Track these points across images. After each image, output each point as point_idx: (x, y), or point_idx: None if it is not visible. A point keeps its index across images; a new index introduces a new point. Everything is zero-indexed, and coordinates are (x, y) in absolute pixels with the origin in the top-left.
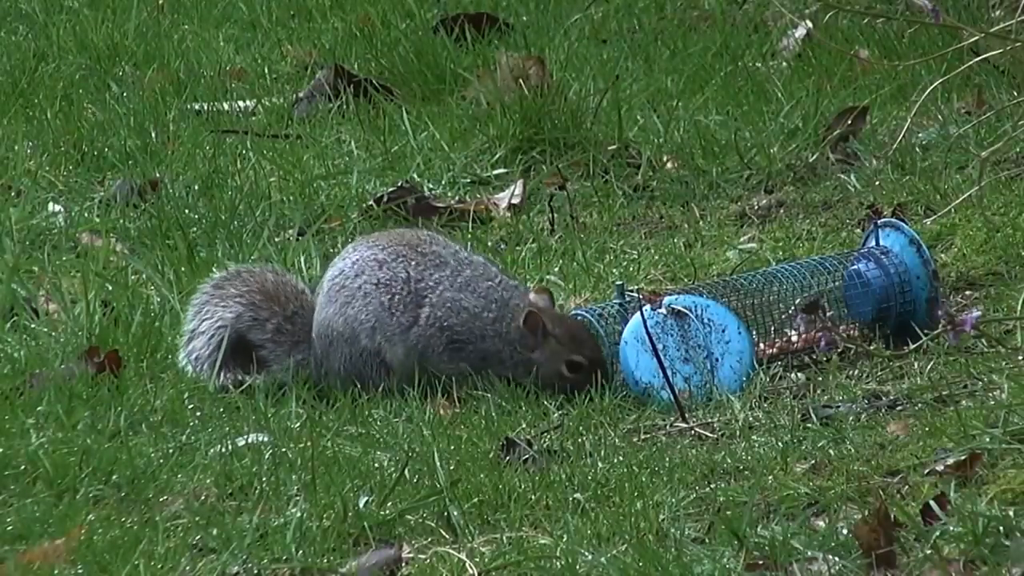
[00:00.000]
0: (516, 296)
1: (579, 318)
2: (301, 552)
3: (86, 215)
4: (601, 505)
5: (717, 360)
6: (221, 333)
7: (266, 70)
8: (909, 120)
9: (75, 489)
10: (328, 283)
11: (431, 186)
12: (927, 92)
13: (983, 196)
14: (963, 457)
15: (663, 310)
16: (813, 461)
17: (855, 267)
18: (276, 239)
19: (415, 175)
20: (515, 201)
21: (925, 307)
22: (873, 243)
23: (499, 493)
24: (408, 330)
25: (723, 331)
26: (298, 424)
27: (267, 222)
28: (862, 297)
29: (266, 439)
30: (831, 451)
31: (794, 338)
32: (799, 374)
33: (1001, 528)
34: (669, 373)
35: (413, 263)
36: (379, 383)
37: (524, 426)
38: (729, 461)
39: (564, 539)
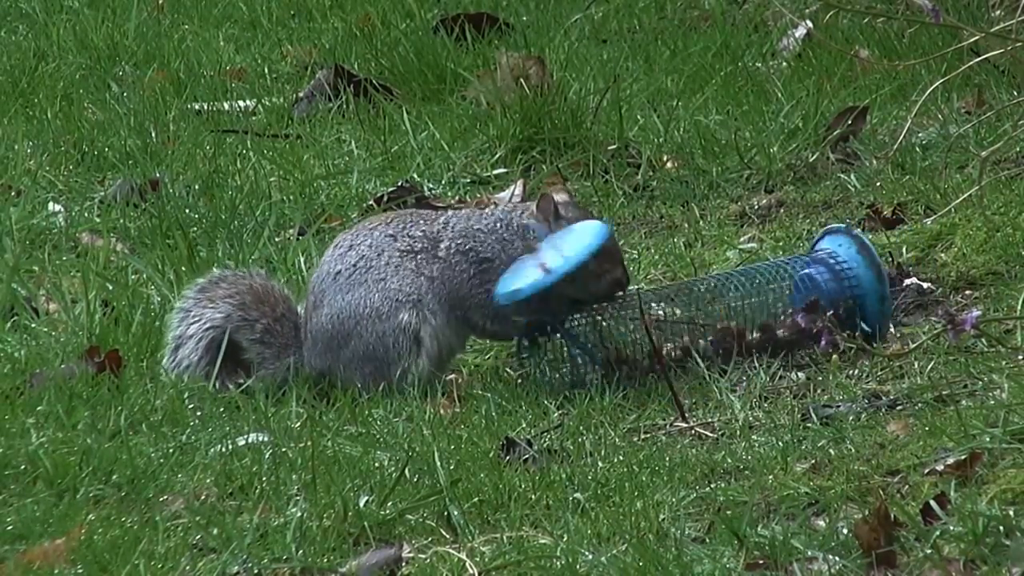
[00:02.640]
0: (520, 210)
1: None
2: (301, 552)
3: (86, 215)
4: (601, 505)
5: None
6: (210, 335)
7: (266, 70)
8: (909, 120)
9: (75, 489)
10: (344, 275)
11: (431, 186)
12: (927, 92)
13: (983, 196)
14: (963, 457)
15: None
16: (813, 461)
17: (806, 272)
18: (276, 239)
19: (415, 175)
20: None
21: (878, 308)
22: (821, 248)
23: (499, 493)
24: (434, 280)
25: (572, 231)
26: (298, 424)
27: (267, 222)
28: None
29: (266, 439)
30: (831, 451)
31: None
32: (799, 374)
33: (1001, 528)
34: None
35: (420, 221)
36: (408, 362)
37: (524, 426)
38: (729, 461)
39: (564, 539)
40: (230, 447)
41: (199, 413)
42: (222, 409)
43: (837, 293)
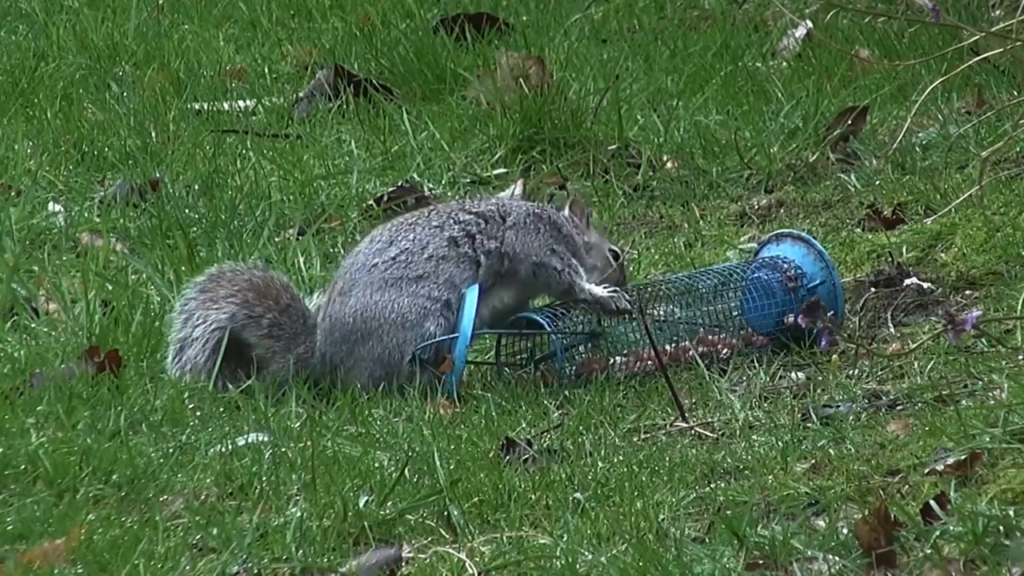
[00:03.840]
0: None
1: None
2: (301, 552)
3: (86, 215)
4: (601, 505)
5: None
6: (216, 336)
7: (266, 70)
8: (909, 120)
9: (75, 489)
10: (380, 268)
11: (431, 186)
12: (927, 92)
13: (983, 196)
14: (963, 457)
15: None
16: (813, 461)
17: (757, 276)
18: (276, 239)
19: (415, 175)
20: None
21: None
22: (769, 254)
23: (499, 493)
24: (494, 252)
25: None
26: (298, 424)
27: (267, 222)
28: (764, 306)
29: (266, 439)
30: (831, 451)
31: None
32: (799, 374)
33: (1001, 528)
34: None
35: (467, 206)
36: (419, 376)
37: (524, 426)
38: (729, 461)
39: (564, 539)
40: (230, 447)
41: (199, 413)
42: (222, 409)
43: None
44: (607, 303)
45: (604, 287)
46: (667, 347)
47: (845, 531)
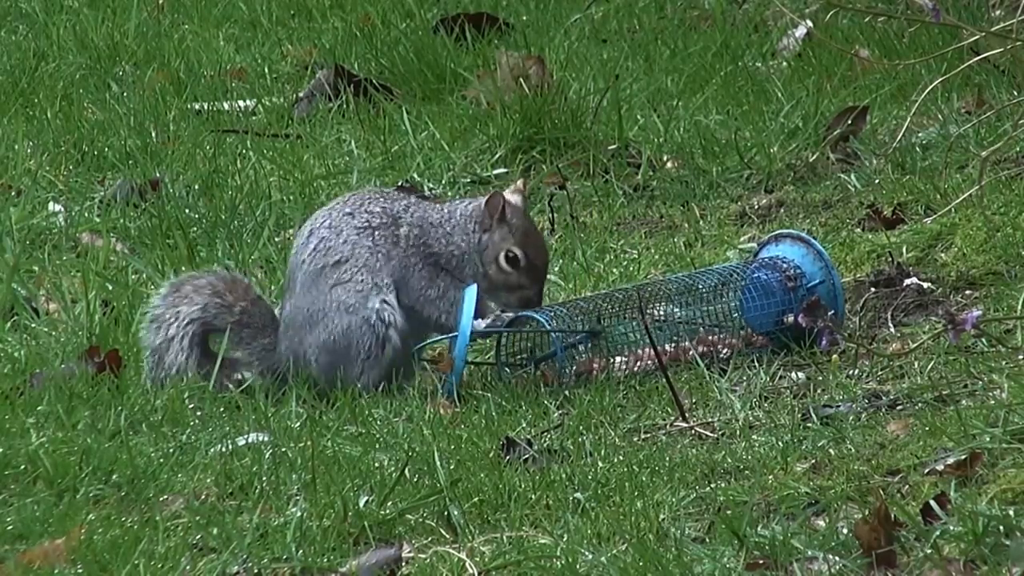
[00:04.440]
0: (468, 203)
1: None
2: (301, 552)
3: (86, 215)
4: (601, 505)
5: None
6: (191, 330)
7: (266, 70)
8: (909, 120)
9: (75, 489)
10: (307, 262)
11: (431, 185)
12: (927, 92)
13: (983, 196)
14: (963, 457)
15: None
16: (813, 461)
17: (756, 275)
18: (276, 239)
19: (415, 175)
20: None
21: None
22: (768, 254)
23: (499, 493)
24: (391, 262)
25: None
26: (298, 424)
27: (267, 222)
28: (764, 306)
29: (266, 439)
30: (831, 451)
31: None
32: (799, 373)
33: (1001, 528)
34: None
35: (380, 199)
36: (372, 361)
37: (524, 426)
38: (729, 461)
39: (564, 539)
40: (230, 447)
41: (199, 413)
42: (222, 409)
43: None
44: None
45: (499, 312)
46: (667, 347)
47: (845, 531)
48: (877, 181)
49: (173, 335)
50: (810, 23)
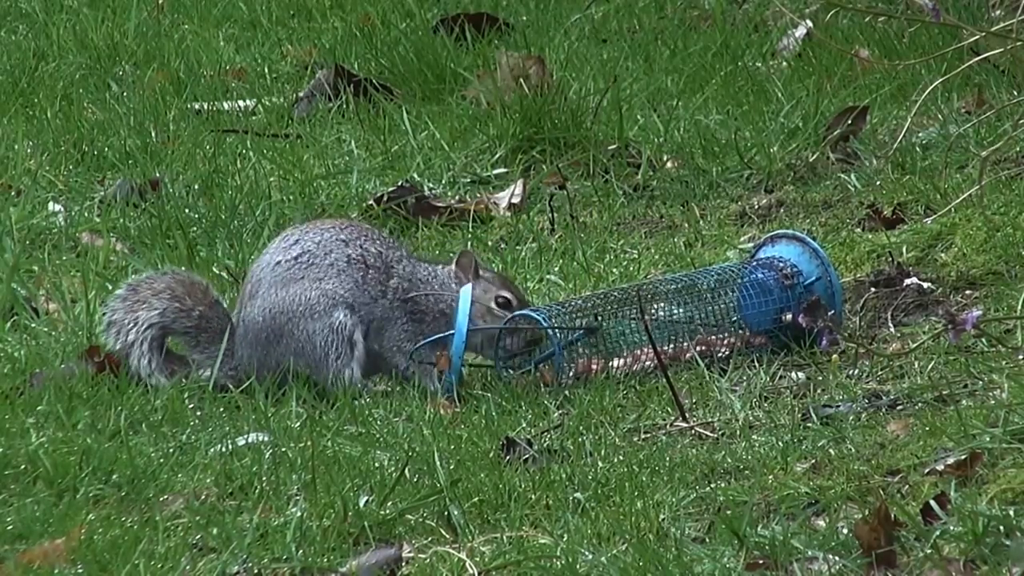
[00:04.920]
0: (444, 266)
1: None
2: (301, 552)
3: (86, 215)
4: (601, 505)
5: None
6: (150, 334)
7: (266, 70)
8: (909, 120)
9: (75, 489)
10: (283, 266)
11: (431, 185)
12: (927, 92)
13: (983, 196)
14: (963, 457)
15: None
16: (813, 461)
17: (754, 276)
18: None
19: (415, 175)
20: (515, 201)
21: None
22: (765, 255)
23: (499, 493)
24: (372, 306)
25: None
26: (298, 424)
27: (267, 222)
28: (762, 304)
29: (266, 439)
30: (831, 451)
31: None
32: (799, 373)
33: (1001, 528)
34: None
35: (377, 240)
36: (340, 365)
37: (524, 426)
38: (729, 461)
39: (564, 539)
40: (230, 447)
41: (199, 413)
42: (222, 409)
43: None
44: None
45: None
46: (667, 347)
47: (845, 531)
48: (877, 181)
49: (132, 340)
50: (810, 23)
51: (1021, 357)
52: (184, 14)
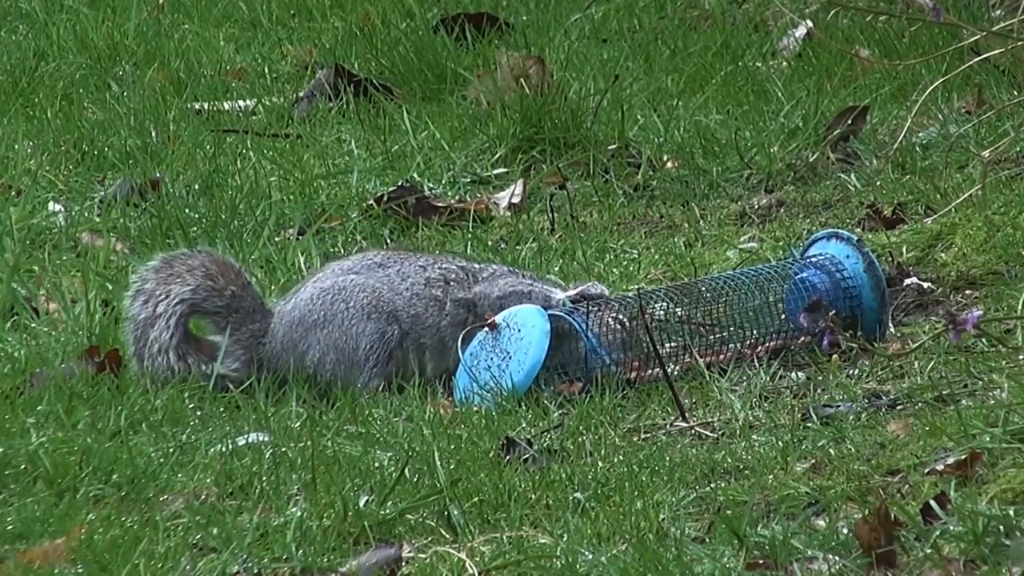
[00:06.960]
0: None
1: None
2: (301, 551)
3: (86, 215)
4: (601, 505)
5: (509, 357)
6: (179, 310)
7: (266, 70)
8: (909, 120)
9: (75, 489)
10: (356, 265)
11: (431, 185)
12: (927, 92)
13: (983, 196)
14: (963, 456)
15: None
16: (813, 460)
17: (802, 275)
18: (276, 238)
19: (415, 175)
20: (515, 200)
21: (876, 313)
22: (815, 252)
23: (499, 493)
24: (441, 331)
25: (519, 331)
26: (298, 424)
27: (267, 222)
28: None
29: (266, 438)
30: (831, 450)
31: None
32: (799, 373)
33: (1001, 528)
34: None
35: (459, 261)
36: (378, 370)
37: (524, 425)
38: (729, 460)
39: (564, 539)
40: (230, 447)
41: (199, 413)
42: (222, 409)
43: (836, 304)
44: None
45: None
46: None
47: (845, 531)
48: (877, 181)
49: (161, 312)
50: (810, 23)
51: (1021, 357)
52: (184, 14)
